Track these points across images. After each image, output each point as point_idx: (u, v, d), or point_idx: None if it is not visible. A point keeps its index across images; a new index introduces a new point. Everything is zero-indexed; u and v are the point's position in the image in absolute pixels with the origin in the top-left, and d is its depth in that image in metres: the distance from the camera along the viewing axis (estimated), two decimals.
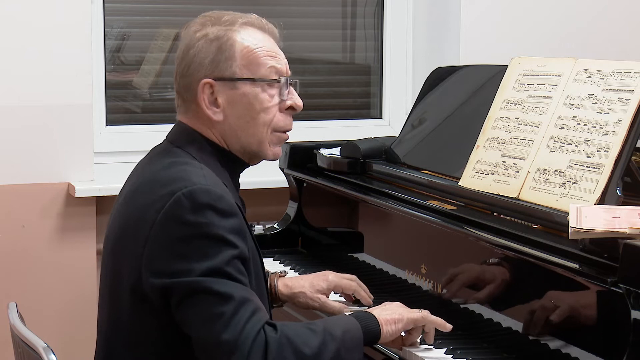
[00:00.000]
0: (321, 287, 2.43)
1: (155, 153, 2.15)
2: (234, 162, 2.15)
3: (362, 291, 2.47)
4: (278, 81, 2.13)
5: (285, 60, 2.18)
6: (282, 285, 2.44)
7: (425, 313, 2.18)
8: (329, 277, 2.46)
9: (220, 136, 2.13)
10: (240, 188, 2.23)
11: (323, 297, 2.42)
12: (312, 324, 2.01)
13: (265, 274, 2.17)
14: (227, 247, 1.94)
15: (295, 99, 2.17)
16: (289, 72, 2.18)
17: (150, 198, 2.00)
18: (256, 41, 2.12)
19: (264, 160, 2.20)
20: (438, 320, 2.19)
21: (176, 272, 1.93)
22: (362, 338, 2.06)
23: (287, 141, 3.11)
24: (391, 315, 2.13)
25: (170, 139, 2.16)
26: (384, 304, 2.22)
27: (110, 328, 2.08)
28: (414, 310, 2.19)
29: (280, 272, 2.51)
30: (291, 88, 2.16)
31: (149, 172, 2.09)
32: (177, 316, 1.95)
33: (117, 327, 2.06)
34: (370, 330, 2.08)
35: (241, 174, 2.21)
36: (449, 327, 2.19)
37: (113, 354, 2.07)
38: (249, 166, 2.20)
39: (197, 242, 1.94)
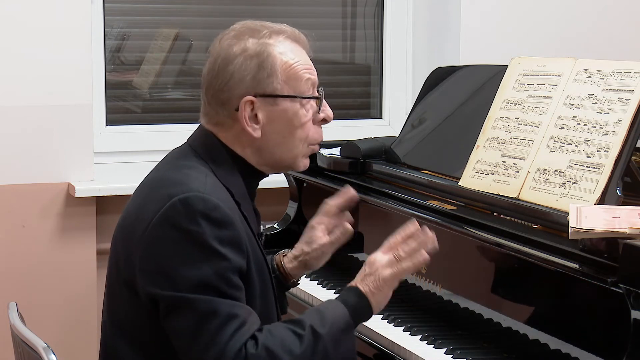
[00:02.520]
0: (315, 236, 2.31)
1: (173, 153, 2.16)
2: (253, 173, 2.14)
3: (337, 197, 2.35)
4: (319, 98, 2.12)
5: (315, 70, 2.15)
6: (287, 261, 2.37)
7: (401, 267, 2.04)
8: (313, 223, 2.34)
9: (251, 150, 2.10)
10: None
11: (327, 241, 2.30)
12: (298, 325, 1.97)
13: (273, 283, 2.16)
14: (216, 258, 1.93)
15: (327, 111, 2.16)
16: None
17: (151, 197, 2.01)
18: (294, 55, 2.10)
19: None
20: (423, 258, 2.06)
21: (164, 280, 1.92)
22: (353, 324, 2.01)
23: None
24: (374, 282, 2.03)
25: (190, 141, 2.15)
26: (365, 268, 2.07)
27: (109, 318, 2.10)
28: (391, 252, 2.07)
29: (283, 251, 2.46)
30: (324, 100, 2.15)
31: (159, 171, 2.11)
32: (164, 325, 1.96)
33: (114, 318, 2.07)
34: (360, 313, 2.02)
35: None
36: (426, 257, 2.06)
37: (112, 344, 2.08)
38: (267, 176, 2.19)
39: (187, 249, 1.92)
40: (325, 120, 2.16)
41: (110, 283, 2.10)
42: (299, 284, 2.41)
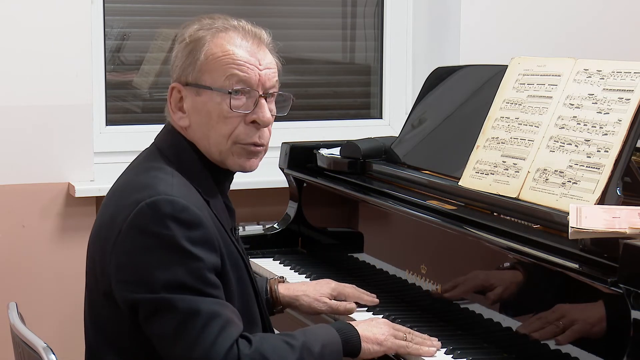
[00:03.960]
0: (325, 291, 2.42)
1: (141, 156, 2.14)
2: (219, 168, 2.11)
3: (365, 295, 2.47)
4: (229, 93, 2.03)
5: (267, 72, 2.07)
6: (283, 289, 2.42)
7: (409, 343, 2.15)
8: (332, 284, 2.46)
9: (192, 141, 2.09)
10: (241, 188, 2.21)
11: (329, 300, 2.41)
12: (292, 337, 1.99)
13: (252, 276, 2.15)
14: (190, 259, 1.91)
15: (261, 114, 2.06)
16: (267, 84, 2.07)
17: (120, 204, 1.99)
18: (227, 48, 2.04)
19: (264, 160, 2.18)
20: (422, 349, 2.16)
21: (140, 286, 1.91)
22: (342, 352, 2.05)
23: (287, 141, 3.14)
24: (374, 335, 2.12)
25: (156, 141, 2.14)
26: (370, 318, 2.22)
27: (92, 330, 2.08)
28: (400, 330, 2.18)
29: (279, 277, 2.50)
30: (262, 101, 2.06)
31: (127, 175, 2.09)
32: (146, 332, 1.94)
33: (98, 329, 2.06)
34: (350, 344, 2.08)
35: (240, 173, 2.17)
36: (432, 351, 2.17)
37: (96, 353, 2.07)
38: (234, 172, 2.15)
39: (159, 254, 1.91)
40: (256, 123, 2.07)
41: (90, 293, 2.09)
42: (282, 312, 2.45)
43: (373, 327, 2.14)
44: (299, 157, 3.09)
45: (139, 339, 1.97)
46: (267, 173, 3.26)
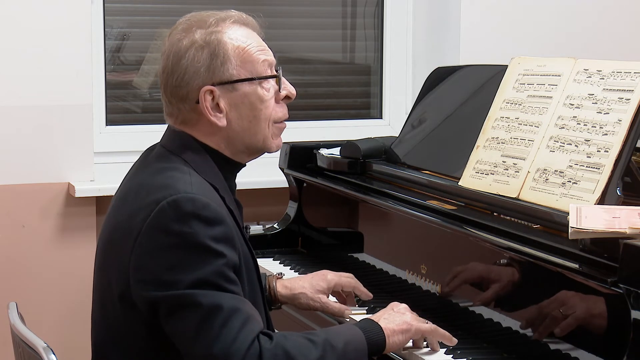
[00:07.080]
0: (321, 287, 2.41)
1: (148, 157, 2.13)
2: (230, 165, 2.12)
3: (361, 287, 2.46)
4: (277, 76, 2.11)
5: (270, 50, 2.15)
6: (281, 287, 2.42)
7: (435, 326, 2.16)
8: (328, 276, 2.44)
9: (223, 141, 2.09)
10: (240, 188, 2.21)
11: (324, 298, 2.40)
12: (313, 334, 1.98)
13: (260, 277, 2.15)
14: (213, 257, 1.91)
15: (289, 87, 2.15)
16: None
17: (137, 205, 1.98)
18: (244, 38, 2.09)
19: (264, 160, 2.18)
20: (446, 334, 2.17)
21: (162, 284, 1.91)
22: (367, 350, 2.04)
23: (287, 141, 3.14)
24: (399, 325, 2.11)
25: (163, 143, 2.13)
26: (391, 306, 2.19)
27: (101, 331, 2.07)
28: (420, 320, 2.17)
29: (278, 274, 2.50)
30: (283, 78, 2.13)
31: (139, 177, 2.08)
32: (167, 329, 1.94)
33: (107, 331, 2.05)
34: (375, 342, 2.06)
35: (240, 173, 2.19)
36: (454, 341, 2.18)
37: (103, 354, 2.07)
38: (245, 166, 2.17)
39: (182, 252, 1.91)
40: (288, 97, 2.15)
41: (100, 294, 2.08)
42: (279, 309, 2.45)
43: (396, 317, 2.13)
44: (299, 157, 3.09)
45: (151, 340, 1.97)
46: (267, 173, 3.26)
